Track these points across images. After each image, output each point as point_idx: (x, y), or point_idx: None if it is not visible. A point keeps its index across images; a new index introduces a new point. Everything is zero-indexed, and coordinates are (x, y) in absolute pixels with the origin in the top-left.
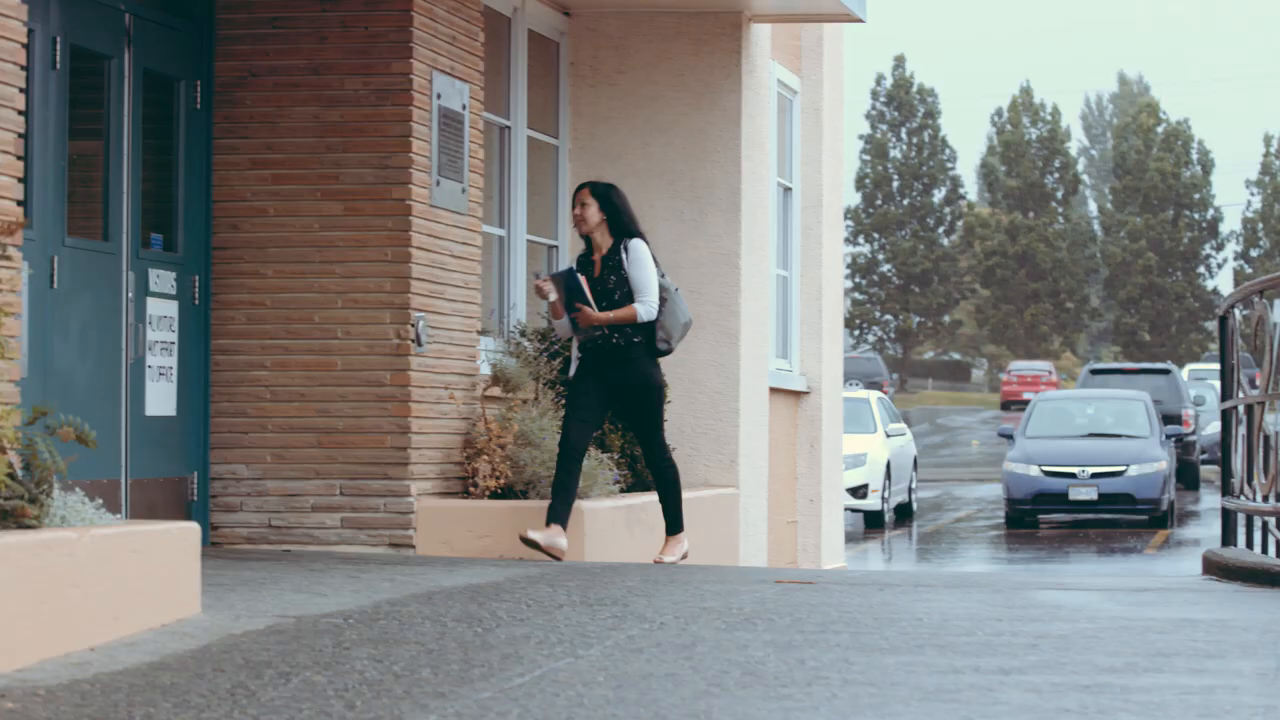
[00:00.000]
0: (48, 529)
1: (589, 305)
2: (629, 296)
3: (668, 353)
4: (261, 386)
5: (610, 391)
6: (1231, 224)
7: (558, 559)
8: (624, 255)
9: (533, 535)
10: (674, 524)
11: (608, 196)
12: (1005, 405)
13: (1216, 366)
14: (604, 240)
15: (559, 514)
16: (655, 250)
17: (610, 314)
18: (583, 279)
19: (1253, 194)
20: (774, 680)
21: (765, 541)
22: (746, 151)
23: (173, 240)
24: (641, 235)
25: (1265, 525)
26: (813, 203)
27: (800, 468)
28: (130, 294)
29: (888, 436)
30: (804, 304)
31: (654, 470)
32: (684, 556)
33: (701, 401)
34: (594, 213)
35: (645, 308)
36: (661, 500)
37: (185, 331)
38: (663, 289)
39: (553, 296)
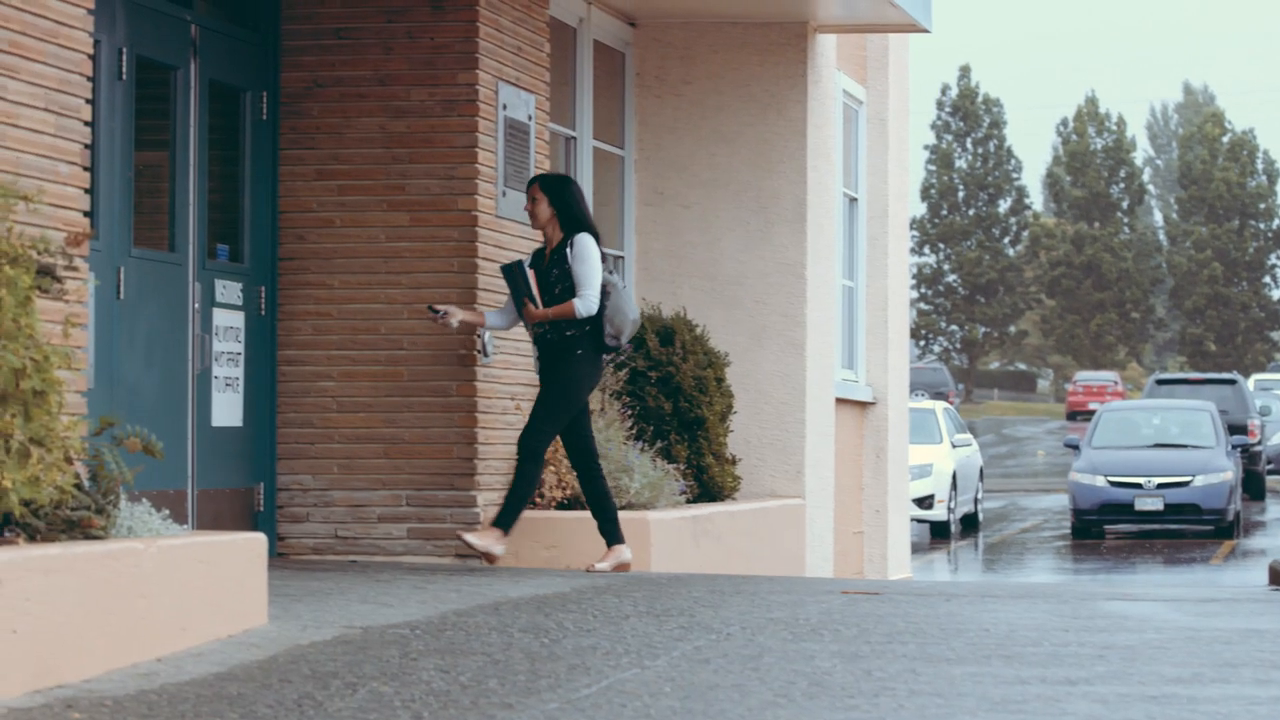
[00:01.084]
0: (115, 540)
1: (533, 300)
2: (570, 292)
3: (616, 349)
4: (328, 397)
5: (542, 384)
6: None
7: (626, 569)
8: (569, 250)
9: (597, 566)
10: (504, 518)
11: (558, 191)
12: (1071, 416)
13: None
14: (554, 235)
15: (605, 532)
16: (721, 260)
17: (550, 310)
18: (531, 274)
19: None
20: (841, 691)
21: (831, 552)
22: (812, 162)
23: (239, 251)
24: (591, 230)
25: None
26: (878, 213)
27: (866, 478)
28: (196, 305)
29: (953, 447)
30: (870, 314)
31: (519, 452)
32: (487, 555)
33: (767, 412)
34: (544, 208)
35: (583, 303)
36: (509, 489)
37: (251, 342)
38: (608, 284)
39: (454, 325)
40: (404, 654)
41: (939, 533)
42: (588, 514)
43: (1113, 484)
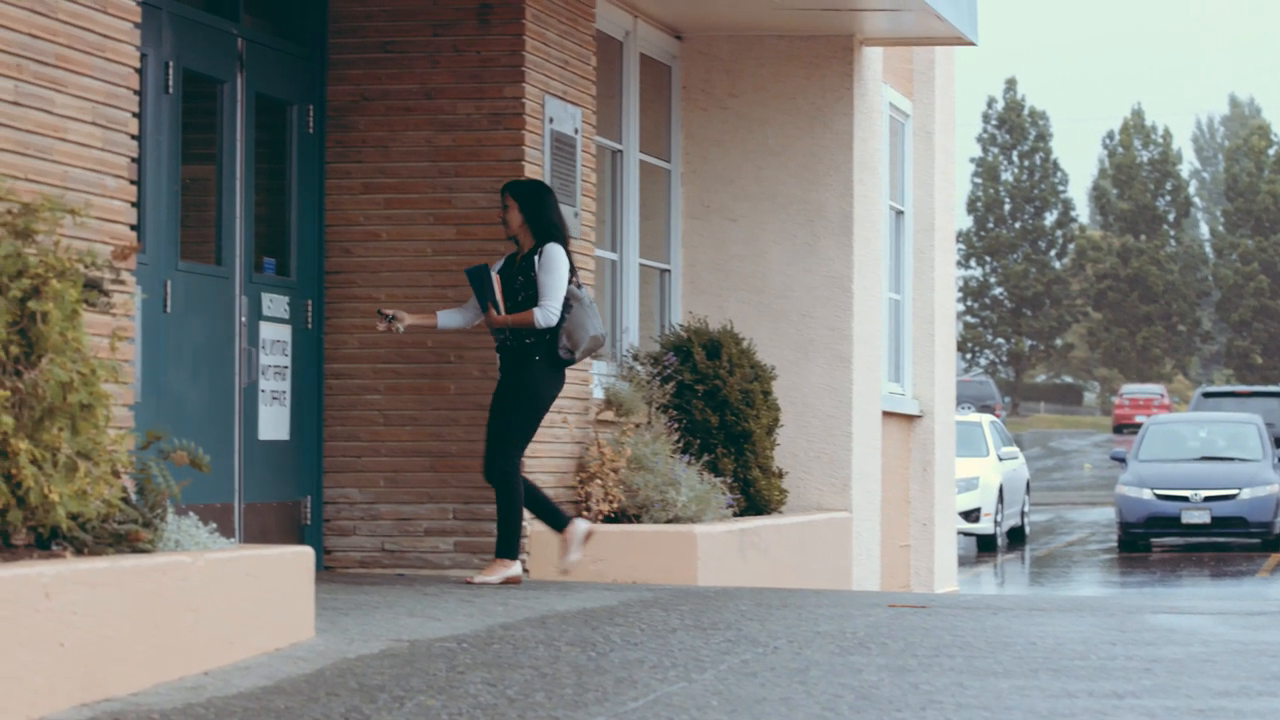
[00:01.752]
0: (162, 553)
1: (495, 306)
2: (533, 300)
3: (570, 362)
4: (374, 410)
5: (498, 394)
6: None
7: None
8: (537, 259)
9: (566, 562)
10: (504, 547)
11: (528, 198)
12: (1117, 429)
13: None
14: (526, 242)
15: (552, 524)
16: (767, 273)
17: (511, 317)
18: (496, 279)
19: None
20: (888, 704)
21: (878, 565)
22: (858, 175)
23: (286, 264)
24: (562, 239)
25: None
26: (925, 226)
27: (913, 491)
28: (243, 318)
29: (1000, 460)
30: (916, 327)
31: (492, 479)
32: (507, 581)
33: (814, 425)
34: (514, 215)
35: (542, 313)
36: (499, 520)
37: (298, 356)
38: (572, 297)
39: (401, 329)
40: (451, 667)
41: (985, 546)
42: (635, 528)
43: (1159, 497)
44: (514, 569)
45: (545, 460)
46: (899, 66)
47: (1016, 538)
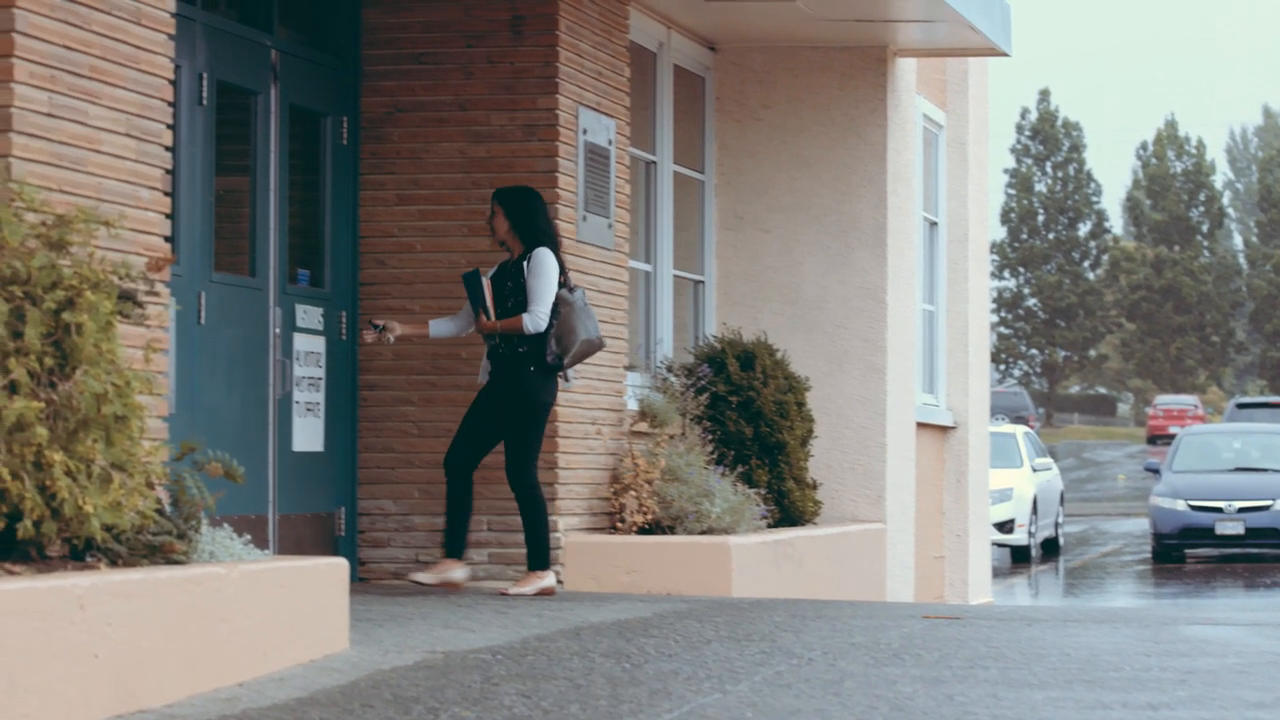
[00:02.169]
0: (196, 564)
1: (486, 312)
2: (523, 306)
3: (558, 367)
4: (409, 422)
5: (494, 401)
6: None
7: (456, 589)
8: (526, 264)
9: (417, 578)
10: (535, 558)
11: (514, 204)
12: (1151, 439)
13: None
14: (515, 248)
15: (449, 545)
16: (801, 284)
17: (500, 322)
18: (487, 284)
19: None
20: (922, 716)
21: (912, 576)
22: (892, 186)
23: (320, 276)
24: (551, 244)
25: None
26: (958, 237)
27: (947, 503)
28: (277, 329)
29: (1034, 471)
30: (950, 338)
31: (516, 492)
32: (541, 592)
33: (848, 436)
34: (500, 220)
35: (530, 318)
36: (526, 531)
37: (332, 367)
38: (564, 302)
39: (392, 339)
40: (486, 679)
41: (1019, 557)
42: (669, 538)
43: (1193, 508)
44: (548, 580)
45: (579, 471)
46: (932, 77)
47: (1050, 549)
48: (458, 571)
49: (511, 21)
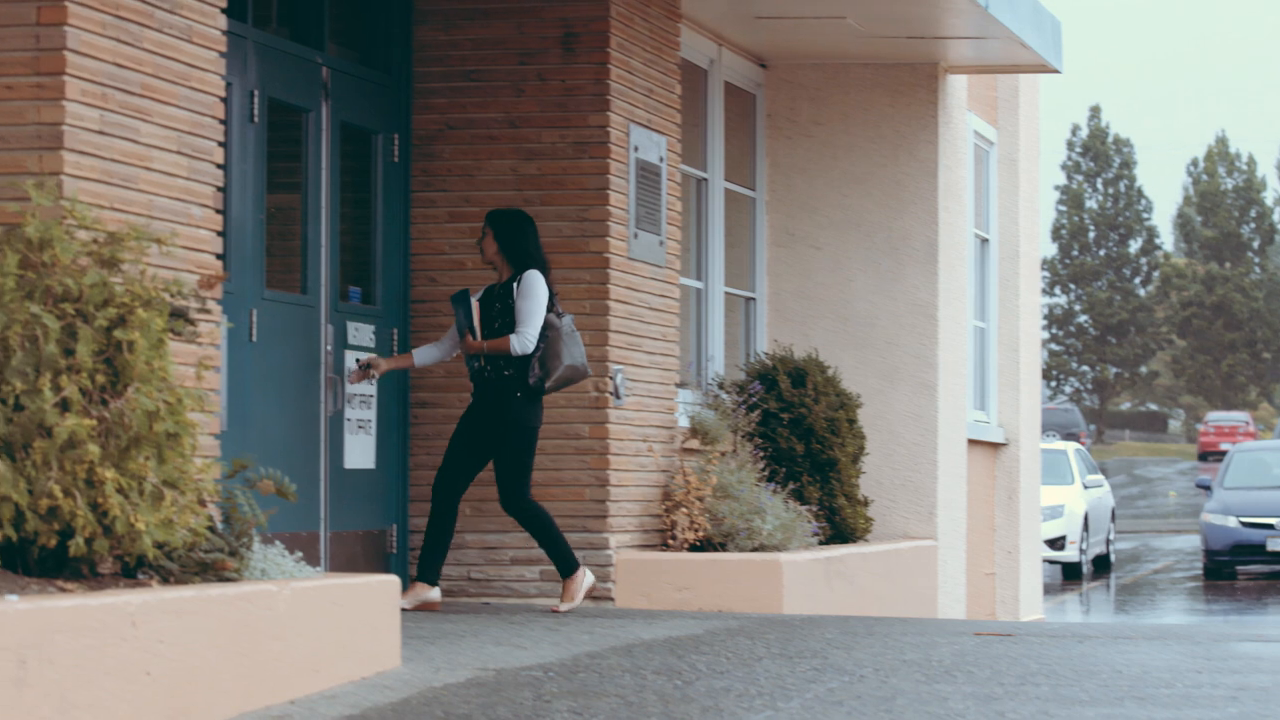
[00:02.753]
0: (248, 582)
1: (472, 332)
2: (510, 328)
3: (540, 390)
4: None
5: (480, 425)
6: None
7: (435, 609)
8: (515, 286)
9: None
10: (564, 565)
11: (502, 226)
12: (1203, 456)
13: None
14: (504, 271)
15: (423, 569)
16: (852, 301)
17: (487, 343)
18: (475, 305)
19: None
20: None
21: (963, 593)
22: (943, 202)
23: (371, 293)
24: (541, 266)
25: None
26: (1010, 254)
27: (998, 519)
28: (329, 347)
29: (1085, 488)
30: (1001, 355)
31: (516, 516)
32: (589, 593)
33: (899, 453)
34: (489, 242)
35: (518, 339)
36: (542, 546)
37: (384, 384)
38: (551, 326)
39: (377, 376)
40: (537, 696)
41: (1071, 574)
42: (721, 556)
43: (1245, 524)
44: (587, 579)
45: (631, 489)
46: (983, 94)
47: (1101, 565)
48: (433, 593)
49: (563, 39)
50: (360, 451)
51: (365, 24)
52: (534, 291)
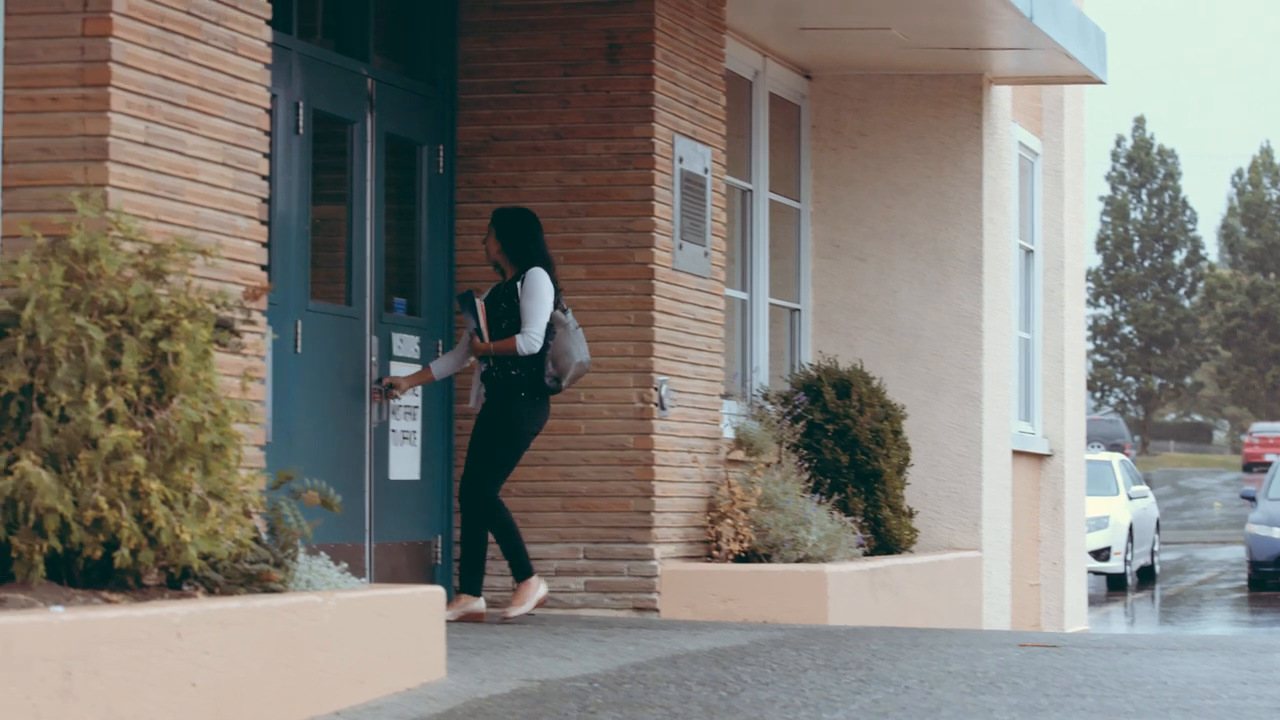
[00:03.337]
0: (293, 593)
1: (479, 334)
2: (515, 328)
3: (556, 390)
4: None
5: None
6: None
7: (480, 620)
8: (519, 285)
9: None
10: (521, 568)
11: (504, 225)
12: (1247, 467)
13: None
14: (508, 270)
15: (467, 579)
16: (897, 312)
17: (494, 344)
18: (481, 306)
19: None
20: None
21: (1008, 604)
22: (988, 213)
23: (416, 304)
24: (544, 263)
25: None
26: (1054, 264)
27: (1043, 530)
28: (374, 358)
29: (1130, 499)
30: (1046, 366)
31: (472, 510)
32: (541, 600)
33: (944, 465)
34: (492, 242)
35: (524, 339)
36: (501, 545)
37: (428, 395)
38: (558, 323)
39: (400, 395)
40: (582, 707)
41: (1115, 585)
42: (766, 567)
43: None
44: (541, 588)
45: (675, 500)
46: (1028, 105)
47: (1146, 576)
48: (478, 604)
49: (608, 50)
50: (405, 463)
51: (410, 35)
52: (537, 290)
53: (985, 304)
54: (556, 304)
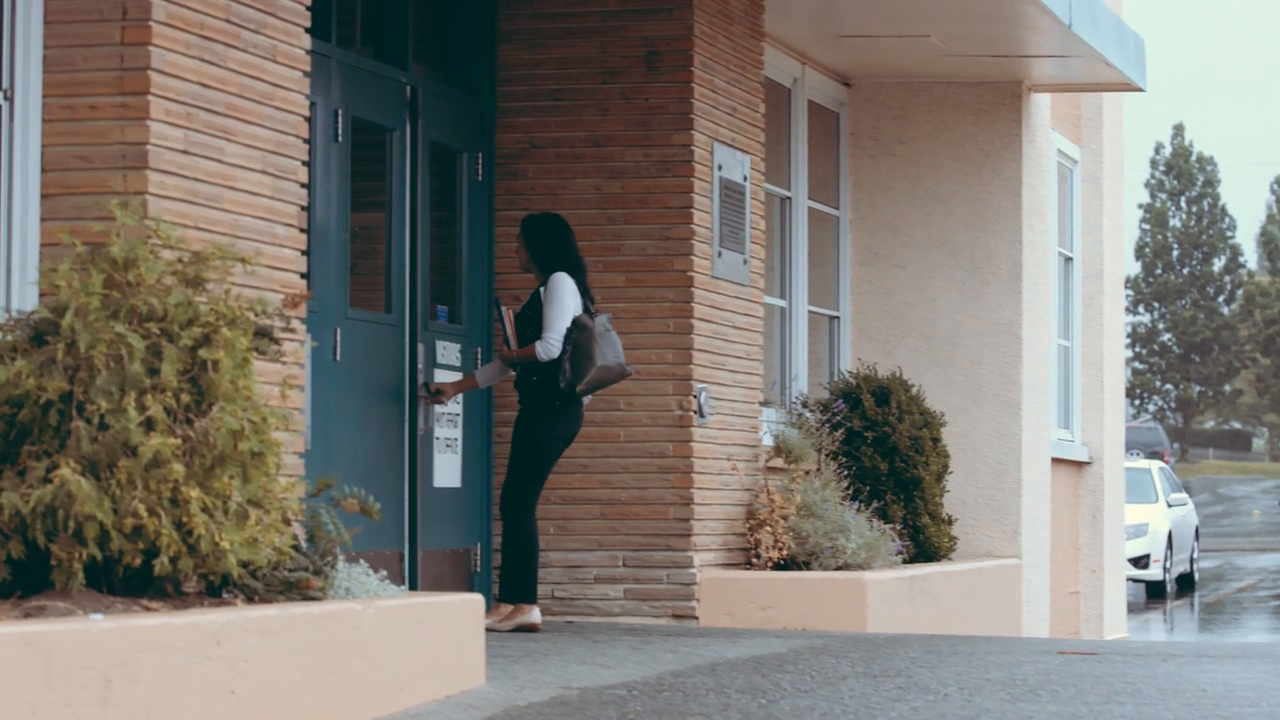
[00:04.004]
0: (332, 601)
1: (506, 342)
2: (539, 334)
3: (570, 393)
4: None
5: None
6: None
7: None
8: (542, 291)
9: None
10: (508, 589)
11: (530, 231)
12: None
13: None
14: (537, 275)
15: (511, 590)
16: (936, 320)
17: (517, 351)
18: (509, 314)
19: None
20: None
21: (1047, 612)
22: (1027, 221)
23: (456, 312)
24: (568, 267)
25: None
26: (1093, 272)
27: (1082, 538)
28: (420, 365)
29: (1169, 506)
30: (1085, 374)
31: (504, 520)
32: (519, 628)
33: (983, 472)
34: (521, 249)
35: (542, 346)
36: (511, 564)
37: (469, 403)
38: (581, 327)
39: (447, 401)
40: (621, 715)
41: (1154, 592)
42: (805, 574)
43: None
44: (529, 615)
45: (714, 508)
46: (1067, 112)
47: (1185, 584)
48: (533, 614)
49: (646, 58)
50: (448, 470)
51: (449, 43)
52: (556, 295)
53: (1024, 311)
54: (586, 308)
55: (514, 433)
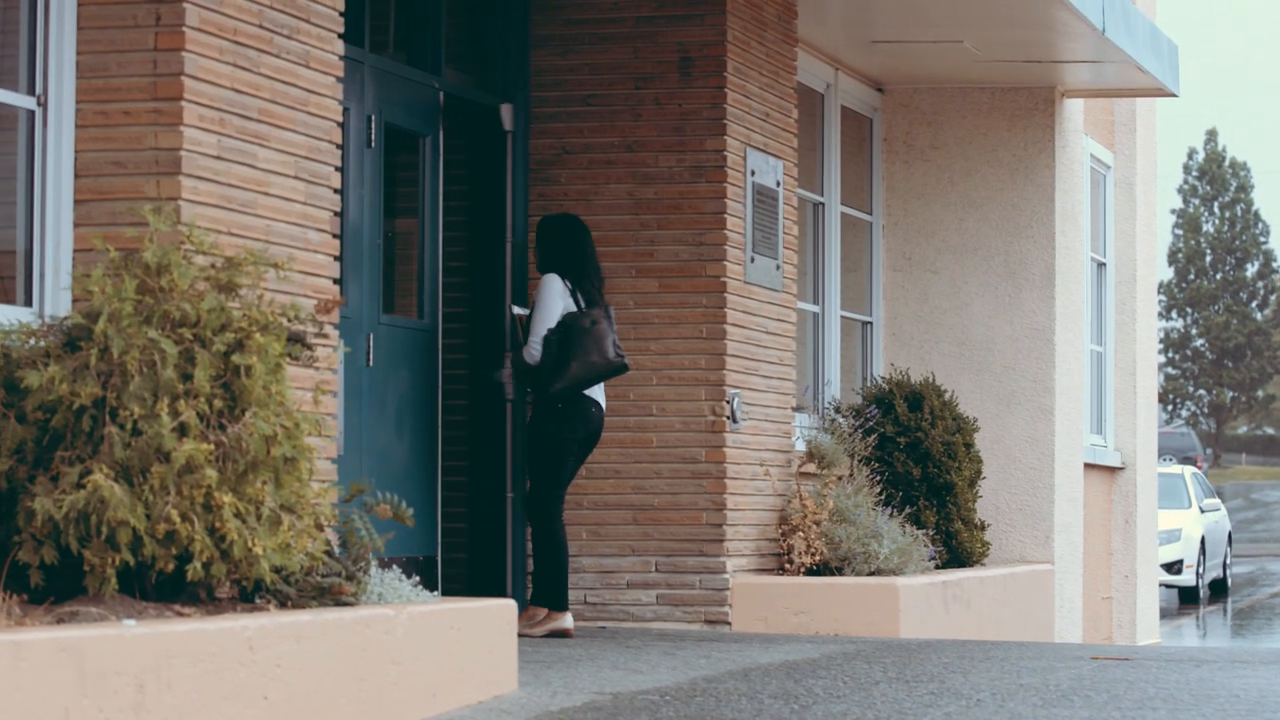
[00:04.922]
0: (365, 606)
1: (513, 347)
2: None
3: (566, 393)
4: None
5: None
6: None
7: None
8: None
9: (528, 632)
10: (539, 594)
11: (538, 234)
12: None
13: None
14: None
15: (545, 595)
16: (970, 325)
17: (513, 359)
18: (519, 317)
19: None
20: None
21: (1080, 618)
22: (1060, 226)
23: None
24: (560, 268)
25: None
26: (1126, 278)
27: (1115, 544)
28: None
29: (1202, 512)
30: (1118, 379)
31: (530, 523)
32: (555, 631)
33: (1017, 477)
34: (534, 252)
35: (525, 351)
36: (539, 567)
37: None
38: (568, 326)
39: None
40: None
41: (1187, 598)
42: (838, 580)
43: None
44: (562, 620)
45: (747, 513)
46: (1100, 118)
47: (1218, 590)
48: (564, 619)
49: (680, 63)
50: None
51: (482, 49)
52: (539, 298)
53: (1058, 317)
54: (579, 306)
55: (528, 438)
